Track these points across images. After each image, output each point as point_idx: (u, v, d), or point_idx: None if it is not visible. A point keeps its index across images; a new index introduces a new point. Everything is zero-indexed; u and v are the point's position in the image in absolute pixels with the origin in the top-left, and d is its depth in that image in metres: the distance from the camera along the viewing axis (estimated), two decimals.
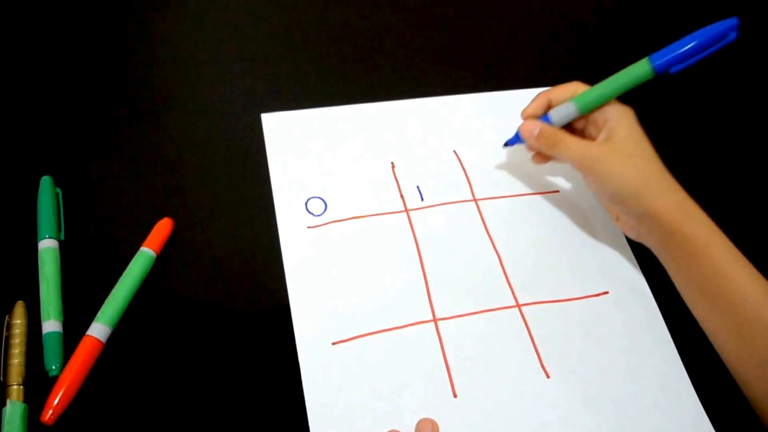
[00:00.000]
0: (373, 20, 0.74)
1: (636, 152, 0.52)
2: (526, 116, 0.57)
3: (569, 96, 0.56)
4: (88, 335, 0.49)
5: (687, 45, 0.51)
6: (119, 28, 0.71)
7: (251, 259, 0.56)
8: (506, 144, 0.61)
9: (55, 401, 0.47)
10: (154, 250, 0.54)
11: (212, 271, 0.55)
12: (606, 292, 0.57)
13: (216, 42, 0.71)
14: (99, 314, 0.50)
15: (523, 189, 0.63)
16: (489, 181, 0.63)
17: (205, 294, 0.54)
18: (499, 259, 0.58)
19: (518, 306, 0.55)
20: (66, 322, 0.51)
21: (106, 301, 0.51)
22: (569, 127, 0.57)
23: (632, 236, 0.55)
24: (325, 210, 0.59)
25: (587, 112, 0.55)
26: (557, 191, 0.63)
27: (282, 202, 0.59)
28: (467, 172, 0.63)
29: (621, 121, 0.53)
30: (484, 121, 0.67)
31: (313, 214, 0.59)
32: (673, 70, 0.51)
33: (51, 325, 0.50)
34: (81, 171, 0.60)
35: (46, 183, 0.57)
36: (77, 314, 0.51)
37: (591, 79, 0.56)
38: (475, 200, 0.62)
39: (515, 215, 0.61)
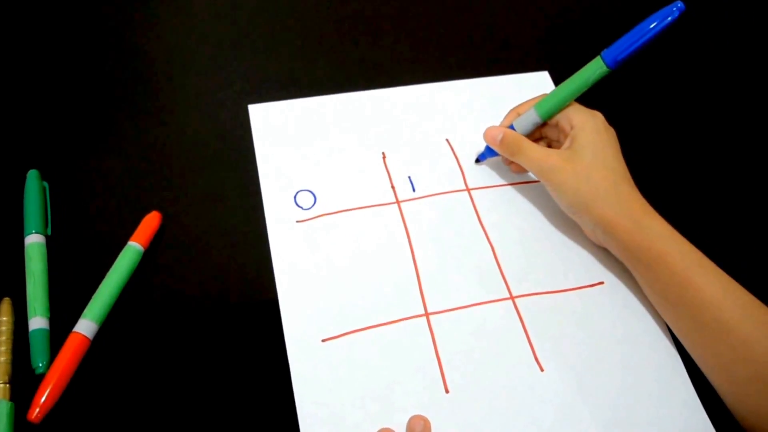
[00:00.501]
0: (361, 7, 0.73)
1: (593, 163, 0.52)
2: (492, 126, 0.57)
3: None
4: (74, 332, 0.49)
5: (635, 33, 0.50)
6: (104, 19, 0.70)
7: (240, 253, 0.55)
8: (477, 160, 0.61)
9: (42, 399, 0.46)
10: (141, 245, 0.54)
11: (201, 265, 0.54)
12: (601, 283, 0.56)
13: (202, 33, 0.70)
14: (86, 310, 0.50)
15: (517, 178, 0.62)
16: (482, 170, 0.62)
17: (193, 289, 0.53)
18: (492, 250, 0.57)
19: (512, 298, 0.55)
20: (53, 319, 0.50)
21: (93, 297, 0.51)
22: (539, 137, 0.59)
23: (596, 242, 0.56)
24: (314, 203, 0.58)
25: (549, 117, 0.55)
26: None
27: (270, 195, 0.58)
28: (460, 161, 0.62)
29: (584, 128, 0.53)
30: (477, 107, 0.65)
31: (302, 207, 0.58)
32: (621, 56, 0.51)
33: (37, 321, 0.50)
34: (68, 165, 0.59)
35: (32, 177, 0.57)
36: (64, 310, 0.50)
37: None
38: (468, 190, 0.61)
39: (509, 205, 0.60)
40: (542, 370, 0.51)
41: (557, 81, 0.67)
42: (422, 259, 0.56)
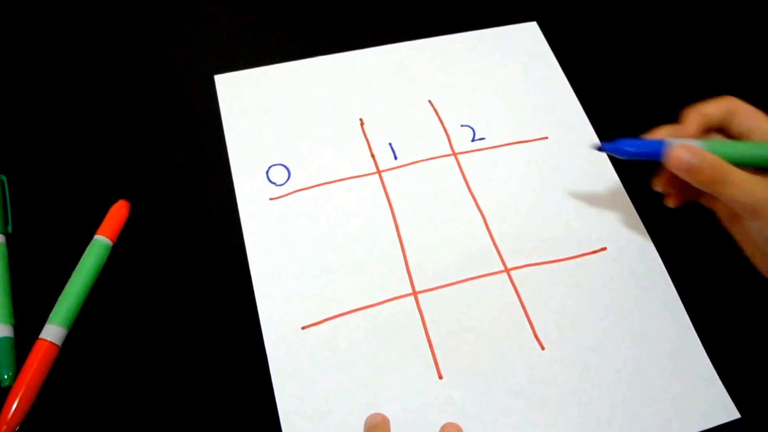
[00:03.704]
0: None
1: None
2: (672, 134, 0.45)
3: (723, 112, 0.45)
4: (41, 338, 0.46)
5: None
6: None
7: (217, 239, 0.52)
8: (600, 149, 0.48)
9: (9, 414, 0.44)
10: (109, 238, 0.51)
11: (174, 256, 0.51)
12: (604, 248, 0.53)
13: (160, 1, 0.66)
14: (52, 315, 0.47)
15: (508, 137, 0.58)
16: (468, 131, 0.58)
17: (167, 282, 0.50)
18: (483, 218, 0.54)
19: (507, 270, 0.51)
20: (17, 326, 0.48)
21: (59, 299, 0.48)
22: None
23: None
24: (288, 178, 0.55)
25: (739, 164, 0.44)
26: (546, 138, 0.58)
27: (240, 172, 0.55)
28: (444, 123, 0.58)
29: None
30: (461, 65, 0.62)
31: (275, 183, 0.55)
32: None
33: (0, 330, 0.47)
34: (26, 154, 0.56)
35: None
36: (29, 316, 0.48)
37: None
38: (455, 154, 0.57)
39: (499, 168, 0.56)
40: (543, 348, 0.48)
41: (547, 33, 0.64)
42: (407, 233, 0.53)
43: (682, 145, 0.43)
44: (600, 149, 0.48)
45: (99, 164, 0.55)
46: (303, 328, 0.48)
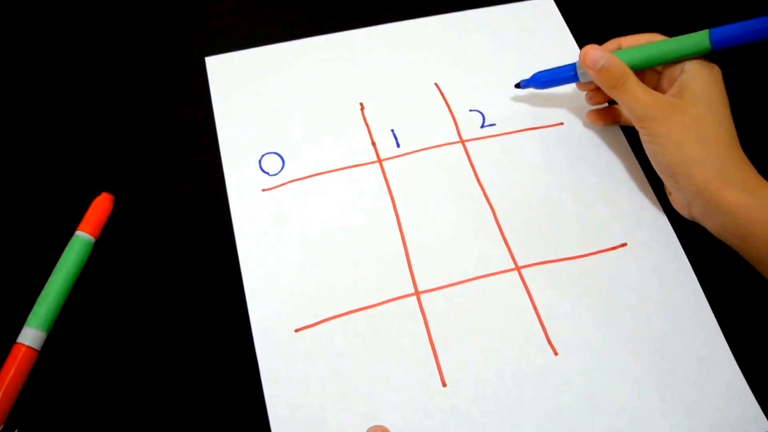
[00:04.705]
0: None
1: (707, 118, 0.46)
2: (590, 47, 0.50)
3: (642, 41, 0.50)
4: (18, 343, 0.45)
5: (753, 27, 0.46)
6: None
7: (206, 234, 0.51)
8: (518, 85, 0.55)
9: None
10: (91, 234, 0.49)
11: (160, 252, 0.50)
12: (624, 245, 0.50)
13: None
14: (30, 317, 0.46)
15: (520, 124, 0.55)
16: (477, 116, 0.56)
17: (152, 282, 0.49)
18: (492, 212, 0.51)
19: (517, 269, 0.49)
20: None
21: (38, 300, 0.47)
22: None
23: (685, 215, 0.49)
24: (282, 167, 0.53)
25: (636, 69, 0.49)
26: (561, 123, 0.56)
27: (231, 161, 0.53)
28: (451, 107, 0.56)
29: (698, 76, 0.47)
30: (470, 44, 0.59)
31: (268, 173, 0.53)
32: (728, 43, 0.47)
33: None
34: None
35: None
36: (5, 318, 0.47)
37: None
38: (462, 141, 0.55)
39: (511, 157, 0.54)
40: (556, 354, 0.46)
41: (563, 9, 0.61)
42: (410, 228, 0.50)
43: (593, 45, 0.49)
44: (518, 86, 0.55)
45: (80, 154, 0.54)
46: (296, 330, 0.46)
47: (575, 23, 0.61)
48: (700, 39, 0.47)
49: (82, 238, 0.49)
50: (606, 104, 0.54)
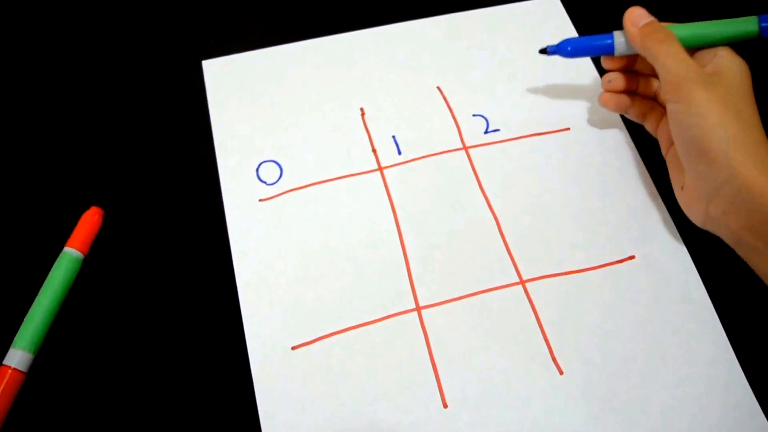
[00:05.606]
0: None
1: (744, 100, 0.43)
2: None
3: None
4: (4, 365, 0.45)
5: None
6: None
7: (198, 246, 0.50)
8: (545, 51, 0.51)
9: None
10: (80, 250, 0.49)
11: (152, 268, 0.49)
12: (632, 257, 0.49)
13: None
14: (16, 338, 0.46)
15: (526, 129, 0.54)
16: (481, 121, 0.55)
17: (143, 299, 0.48)
18: (496, 222, 0.50)
19: (522, 282, 0.48)
20: None
21: (24, 321, 0.46)
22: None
23: (696, 217, 0.46)
24: (280, 176, 0.52)
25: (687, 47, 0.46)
26: (568, 129, 0.54)
27: (227, 170, 0.52)
28: (454, 112, 0.55)
29: (733, 64, 0.44)
30: (474, 46, 0.58)
31: (265, 182, 0.52)
32: None
33: None
34: None
35: None
36: None
37: None
38: (465, 148, 0.53)
39: (516, 164, 0.53)
40: (562, 373, 0.45)
41: (569, 8, 0.60)
42: (411, 239, 0.49)
43: (638, 8, 0.47)
44: (543, 51, 0.51)
45: (68, 166, 0.53)
46: (293, 348, 0.46)
47: (581, 23, 0.59)
48: (748, 23, 0.46)
49: (71, 254, 0.48)
50: (622, 93, 0.52)
